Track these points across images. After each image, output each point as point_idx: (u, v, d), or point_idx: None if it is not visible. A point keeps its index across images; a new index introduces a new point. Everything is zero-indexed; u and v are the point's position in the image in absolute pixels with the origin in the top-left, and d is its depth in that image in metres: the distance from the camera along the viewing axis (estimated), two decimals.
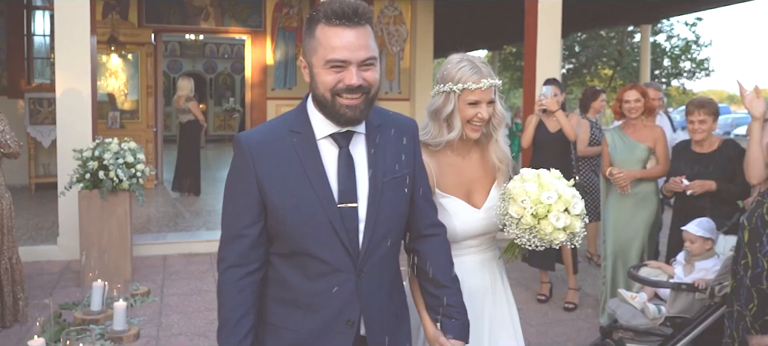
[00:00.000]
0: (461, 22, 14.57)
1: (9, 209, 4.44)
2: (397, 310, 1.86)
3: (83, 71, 6.12)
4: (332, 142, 1.73)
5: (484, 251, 2.21)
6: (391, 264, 1.82)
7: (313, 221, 1.68)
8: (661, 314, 3.66)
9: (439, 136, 2.11)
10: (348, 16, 1.62)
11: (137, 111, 10.33)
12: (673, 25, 20.42)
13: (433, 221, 1.93)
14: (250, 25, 10.81)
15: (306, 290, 1.72)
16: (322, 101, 1.68)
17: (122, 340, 4.24)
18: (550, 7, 7.33)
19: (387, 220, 1.75)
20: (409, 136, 1.85)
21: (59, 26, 6.16)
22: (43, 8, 10.84)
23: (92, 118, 6.20)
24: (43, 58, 11.00)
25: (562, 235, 1.93)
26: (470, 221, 2.13)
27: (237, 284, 1.71)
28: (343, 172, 1.71)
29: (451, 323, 1.87)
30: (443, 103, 2.07)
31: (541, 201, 1.92)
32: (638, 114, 4.45)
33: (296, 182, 1.69)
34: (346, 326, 1.72)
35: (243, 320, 1.70)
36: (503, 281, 2.27)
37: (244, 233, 1.71)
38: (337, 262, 1.70)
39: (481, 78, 2.03)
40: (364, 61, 1.65)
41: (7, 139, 4.33)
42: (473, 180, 2.18)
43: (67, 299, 5.03)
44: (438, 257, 1.90)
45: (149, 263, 6.19)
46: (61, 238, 6.16)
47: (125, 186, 5.34)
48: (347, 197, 1.70)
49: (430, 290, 1.91)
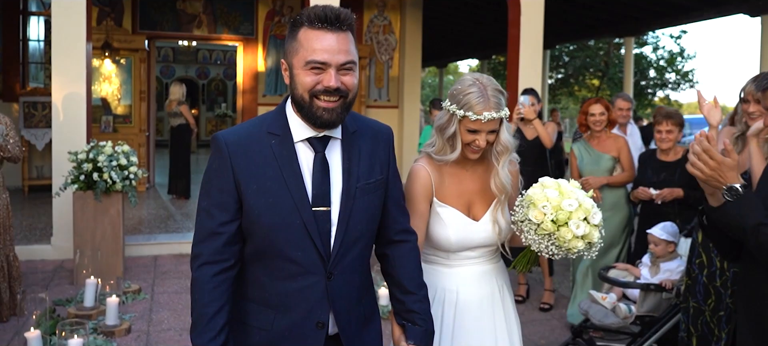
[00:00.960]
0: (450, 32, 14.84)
1: (6, 207, 4.61)
2: (366, 312, 1.89)
3: (79, 77, 6.30)
4: (309, 146, 1.76)
5: (484, 263, 2.22)
6: (362, 267, 1.85)
7: (288, 222, 1.71)
8: (631, 313, 3.88)
9: (442, 153, 2.14)
10: (330, 21, 1.67)
11: (130, 115, 10.48)
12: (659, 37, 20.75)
13: (404, 227, 1.95)
14: (242, 32, 11.01)
15: (277, 290, 1.75)
16: (300, 102, 1.71)
17: (114, 334, 4.41)
18: (533, 19, 7.57)
19: (359, 224, 1.78)
20: (384, 143, 1.89)
21: (56, 33, 6.33)
22: (37, 14, 10.99)
23: (87, 121, 6.37)
24: (38, 62, 11.14)
25: (580, 243, 1.93)
26: (467, 232, 2.15)
27: (211, 281, 1.71)
28: (318, 176, 1.74)
29: (414, 329, 1.89)
30: (447, 123, 2.11)
31: (562, 208, 1.92)
32: (603, 127, 4.72)
33: (272, 183, 1.71)
34: (316, 327, 1.75)
35: (217, 315, 1.70)
36: (504, 294, 2.26)
37: (219, 231, 1.72)
38: (309, 264, 1.73)
39: (484, 110, 2.03)
40: (343, 65, 1.69)
41: (10, 144, 4.50)
42: (474, 192, 2.20)
43: (61, 296, 5.19)
44: (405, 263, 1.93)
45: (140, 262, 6.36)
46: (55, 238, 6.32)
47: (118, 187, 5.52)
48: (321, 200, 1.74)
49: (396, 295, 1.94)
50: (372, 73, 11.52)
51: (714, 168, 1.78)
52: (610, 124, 4.86)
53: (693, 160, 1.82)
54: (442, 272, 2.21)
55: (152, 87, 11.09)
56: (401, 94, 11.57)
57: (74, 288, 5.42)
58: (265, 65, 11.07)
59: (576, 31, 13.96)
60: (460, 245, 2.15)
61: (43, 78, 11.05)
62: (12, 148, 4.50)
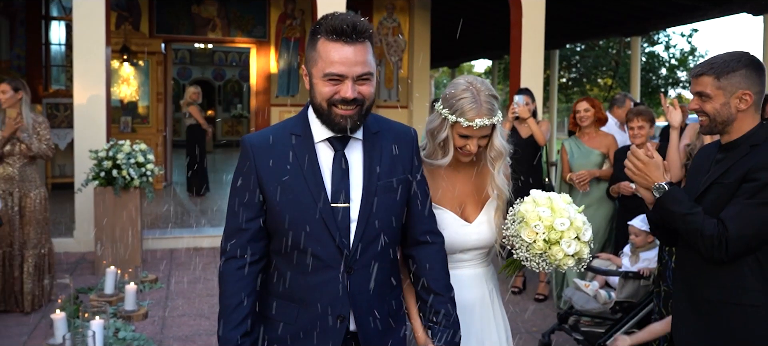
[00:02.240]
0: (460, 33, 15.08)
1: (41, 203, 4.98)
2: (392, 312, 1.90)
3: (99, 79, 6.67)
4: (329, 145, 1.83)
5: (476, 266, 2.20)
6: (384, 265, 1.86)
7: (307, 217, 1.77)
8: (611, 299, 4.13)
9: (433, 156, 2.12)
10: (347, 33, 1.71)
11: (148, 116, 10.87)
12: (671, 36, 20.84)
13: (430, 229, 1.96)
14: (255, 35, 11.35)
15: (299, 284, 1.81)
16: (319, 109, 1.78)
17: (132, 319, 4.75)
18: (534, 21, 7.81)
19: (379, 222, 1.81)
20: (407, 144, 1.92)
21: (77, 38, 6.71)
22: (59, 19, 11.43)
23: (107, 122, 6.74)
24: (59, 65, 11.58)
25: (571, 261, 1.92)
26: (461, 234, 2.13)
27: (235, 274, 1.80)
28: (337, 173, 1.80)
29: (440, 330, 1.89)
30: (439, 127, 2.09)
31: (554, 227, 1.91)
32: (589, 122, 5.00)
33: (293, 181, 1.78)
34: (337, 321, 1.80)
35: (240, 306, 1.78)
36: (493, 298, 2.24)
37: (244, 227, 1.81)
38: (328, 258, 1.78)
39: (476, 117, 2.01)
40: (360, 76, 1.74)
41: (35, 144, 4.86)
42: (467, 194, 2.18)
43: (83, 284, 5.55)
44: (432, 265, 1.93)
45: (157, 255, 6.71)
46: (77, 231, 6.69)
47: (136, 184, 5.87)
48: (340, 196, 1.79)
49: (422, 296, 1.94)
50: (382, 74, 11.82)
51: (641, 169, 2.06)
52: (598, 122, 5.12)
53: (626, 164, 2.11)
54: None
55: (169, 89, 11.48)
56: (410, 95, 11.84)
57: (95, 278, 5.78)
58: (277, 67, 11.40)
59: (583, 31, 14.13)
60: (453, 248, 2.12)
61: (65, 80, 11.49)
62: (36, 148, 4.85)
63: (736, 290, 2.02)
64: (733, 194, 2.01)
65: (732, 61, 2.10)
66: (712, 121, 2.13)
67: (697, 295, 2.14)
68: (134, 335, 4.41)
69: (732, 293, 2.03)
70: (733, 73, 2.08)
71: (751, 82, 2.09)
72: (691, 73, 2.22)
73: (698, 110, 2.17)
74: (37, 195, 4.97)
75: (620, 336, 3.58)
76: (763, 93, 2.13)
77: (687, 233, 2.05)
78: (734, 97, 2.09)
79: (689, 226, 2.02)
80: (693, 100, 2.20)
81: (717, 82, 2.10)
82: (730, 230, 1.94)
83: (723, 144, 2.17)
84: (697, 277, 2.13)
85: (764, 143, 2.05)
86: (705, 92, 2.13)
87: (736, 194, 2.00)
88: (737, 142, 2.11)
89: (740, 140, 2.10)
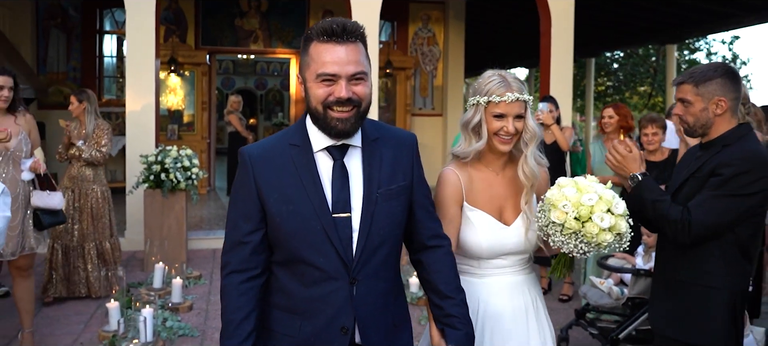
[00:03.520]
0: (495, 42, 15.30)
1: (102, 199, 5.47)
2: (396, 320, 1.89)
3: (149, 90, 7.17)
4: (328, 155, 1.80)
5: (516, 274, 2.15)
6: (387, 274, 1.85)
7: (309, 228, 1.74)
8: (623, 295, 4.34)
9: (468, 146, 2.11)
10: (337, 34, 1.70)
11: (193, 124, 11.41)
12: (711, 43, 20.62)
13: (436, 233, 1.94)
14: (295, 46, 11.80)
15: (302, 296, 1.78)
16: (315, 114, 1.76)
17: (178, 310, 5.15)
18: (563, 30, 8.02)
19: (381, 230, 1.79)
20: (407, 150, 1.90)
21: (130, 51, 7.22)
22: (112, 33, 12.10)
23: (155, 129, 7.23)
24: (111, 76, 12.25)
25: (608, 236, 1.90)
26: (498, 237, 2.10)
27: (238, 288, 1.77)
28: (338, 183, 1.77)
29: (453, 332, 1.86)
30: (472, 114, 2.09)
31: (582, 203, 1.90)
32: (612, 128, 5.21)
33: (293, 192, 1.76)
34: (340, 333, 1.77)
35: (244, 322, 1.75)
36: (538, 307, 2.18)
37: (245, 240, 1.78)
38: (332, 269, 1.75)
39: (507, 91, 2.03)
40: (354, 76, 1.72)
41: (94, 153, 5.36)
42: (505, 197, 2.15)
43: (134, 279, 6.00)
44: (441, 268, 1.91)
45: (201, 254, 7.14)
46: (128, 231, 7.17)
47: (182, 186, 6.32)
48: (341, 206, 1.76)
49: (434, 300, 1.92)
50: (417, 82, 12.14)
51: (619, 161, 2.34)
52: (622, 129, 5.32)
53: (607, 156, 2.40)
54: (472, 282, 2.13)
55: (213, 98, 12.01)
56: (445, 103, 12.13)
57: (144, 274, 6.22)
58: None
59: (618, 39, 14.20)
60: (491, 251, 2.10)
61: (116, 90, 12.14)
62: (86, 154, 5.35)
63: (701, 272, 2.29)
64: (703, 186, 2.27)
65: (709, 70, 2.37)
66: (692, 124, 2.39)
67: (670, 276, 2.41)
68: (180, 325, 4.80)
69: (698, 275, 2.30)
70: (710, 82, 2.34)
71: (727, 90, 2.34)
72: (674, 82, 2.49)
73: (681, 115, 2.44)
74: (94, 193, 5.45)
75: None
76: (738, 99, 2.38)
77: (656, 218, 2.33)
78: (712, 103, 2.35)
79: (657, 212, 2.30)
80: (676, 106, 2.46)
81: (696, 89, 2.36)
82: (693, 216, 2.21)
83: (703, 144, 2.43)
84: (672, 260, 2.40)
85: (734, 143, 2.31)
86: (686, 99, 2.39)
87: (705, 186, 2.26)
88: (714, 142, 2.37)
89: (716, 140, 2.37)
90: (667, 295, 2.43)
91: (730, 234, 2.27)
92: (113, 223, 5.65)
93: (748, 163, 2.23)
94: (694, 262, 2.31)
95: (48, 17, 11.05)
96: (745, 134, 2.33)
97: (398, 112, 11.69)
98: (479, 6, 11.84)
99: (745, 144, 2.30)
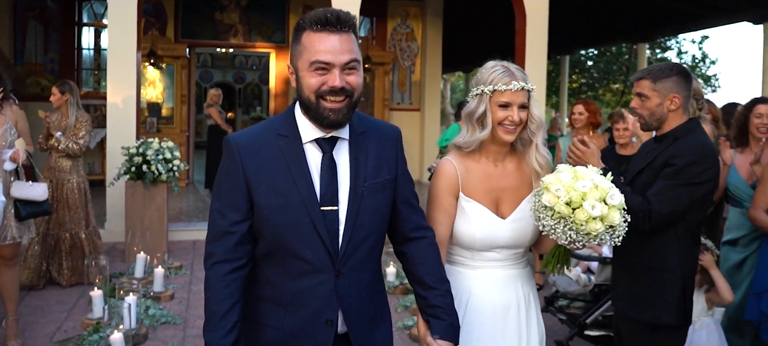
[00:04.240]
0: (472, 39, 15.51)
1: (78, 190, 5.55)
2: (376, 311, 1.90)
3: (130, 82, 7.23)
4: (317, 146, 1.78)
5: (510, 268, 2.13)
6: (371, 266, 1.86)
7: (297, 220, 1.73)
8: (590, 282, 4.56)
9: (471, 136, 2.09)
10: (331, 23, 1.70)
11: (172, 117, 11.45)
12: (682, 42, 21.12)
13: (419, 224, 1.95)
14: (275, 40, 11.90)
15: (288, 288, 1.78)
16: (307, 104, 1.74)
17: (160, 299, 5.25)
18: (537, 28, 8.23)
19: (366, 223, 1.79)
20: (391, 143, 1.90)
21: (111, 43, 7.27)
22: (90, 25, 12.08)
23: (136, 121, 7.29)
24: (89, 69, 12.22)
25: (599, 225, 1.86)
26: (492, 229, 2.08)
27: (224, 279, 1.74)
28: (326, 175, 1.77)
29: (439, 323, 1.87)
30: (476, 105, 2.07)
31: (575, 188, 1.88)
32: (582, 124, 5.42)
33: (282, 184, 1.74)
34: (325, 325, 1.77)
35: (229, 313, 1.73)
36: (529, 303, 2.17)
37: (231, 230, 1.75)
38: (318, 262, 1.75)
39: (512, 80, 2.02)
40: (347, 64, 1.71)
41: (71, 145, 5.44)
42: (504, 189, 2.12)
43: (115, 270, 6.08)
44: (425, 259, 1.92)
45: (181, 245, 7.24)
46: (109, 223, 7.23)
47: (164, 178, 6.41)
48: (329, 199, 1.76)
49: (418, 291, 1.93)
50: (395, 78, 12.30)
51: (579, 156, 2.52)
52: (590, 125, 5.55)
53: (567, 151, 2.58)
54: (463, 273, 2.14)
55: (192, 91, 12.05)
56: (423, 98, 12.31)
57: (125, 265, 6.31)
58: None
59: (591, 38, 14.52)
60: (484, 243, 2.09)
61: (93, 83, 12.12)
62: (62, 145, 5.43)
63: (659, 256, 2.48)
64: (658, 176, 2.47)
65: (666, 69, 2.57)
66: (647, 118, 2.59)
67: (631, 262, 2.60)
68: (163, 313, 4.91)
69: (656, 259, 2.49)
70: (667, 79, 2.54)
71: (680, 88, 2.55)
72: (632, 77, 2.69)
73: (638, 108, 2.63)
74: (71, 184, 5.53)
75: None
76: (689, 97, 2.58)
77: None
78: (666, 99, 2.55)
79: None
80: (634, 100, 2.65)
81: (653, 85, 2.56)
82: (652, 205, 2.40)
83: (657, 137, 2.63)
84: (632, 246, 2.59)
85: (685, 136, 2.51)
86: (643, 93, 2.59)
87: (660, 176, 2.46)
88: (666, 135, 2.58)
89: (668, 134, 2.57)
90: (629, 279, 2.61)
91: (683, 221, 2.48)
92: (90, 214, 5.73)
93: (697, 155, 2.44)
94: (653, 248, 2.51)
95: (26, 8, 11.00)
96: (694, 128, 2.54)
97: (376, 106, 11.85)
98: (457, 3, 12.03)
99: (695, 137, 2.51)
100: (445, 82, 23.73)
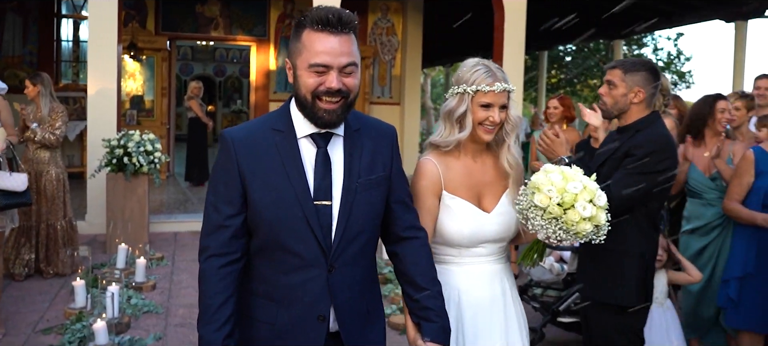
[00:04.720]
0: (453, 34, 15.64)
1: (56, 181, 5.58)
2: (369, 308, 1.89)
3: (110, 74, 7.25)
4: (311, 142, 1.79)
5: (494, 263, 2.16)
6: (364, 263, 1.86)
7: (290, 215, 1.74)
8: (563, 272, 4.72)
9: (449, 136, 2.09)
10: (332, 24, 1.69)
11: (152, 110, 11.44)
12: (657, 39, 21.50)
13: (411, 224, 1.94)
14: (256, 34, 11.92)
15: (280, 283, 1.79)
16: (303, 102, 1.75)
17: (142, 289, 5.32)
18: (515, 24, 8.38)
19: (359, 219, 1.79)
20: (386, 141, 1.91)
21: (92, 36, 7.27)
22: (69, 16, 12.00)
23: (117, 113, 7.31)
24: (67, 61, 12.15)
25: (588, 225, 1.91)
26: (479, 224, 2.10)
27: (218, 272, 1.75)
28: (320, 170, 1.77)
29: (429, 325, 1.87)
30: (457, 104, 2.07)
31: (568, 190, 1.91)
32: (557, 118, 5.58)
33: (275, 177, 1.75)
34: (317, 322, 1.78)
35: (223, 306, 1.74)
36: (514, 294, 2.22)
37: (226, 224, 1.76)
38: (311, 257, 1.76)
39: (495, 81, 2.03)
40: (345, 67, 1.72)
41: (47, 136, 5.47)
42: (484, 184, 2.14)
43: (96, 261, 6.12)
44: (417, 260, 1.91)
45: (163, 237, 7.29)
46: (89, 215, 7.25)
47: (145, 170, 6.46)
48: (322, 194, 1.76)
49: (409, 292, 1.92)
50: (375, 72, 12.40)
51: (548, 145, 2.65)
52: (565, 119, 5.71)
53: (538, 141, 2.72)
54: (451, 271, 2.15)
55: (173, 84, 12.03)
56: (403, 92, 12.43)
57: (106, 256, 6.35)
58: (276, 64, 11.97)
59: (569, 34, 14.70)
60: (472, 239, 2.10)
61: (72, 75, 12.05)
62: (39, 137, 5.47)
63: (620, 240, 2.62)
64: (620, 166, 2.61)
65: (638, 63, 2.73)
66: (610, 106, 2.74)
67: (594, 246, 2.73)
68: (145, 302, 4.98)
69: (618, 243, 2.63)
70: (637, 73, 2.69)
71: (647, 83, 2.69)
72: (606, 66, 2.83)
73: (604, 94, 2.76)
74: (49, 175, 5.57)
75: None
76: (655, 94, 2.74)
77: None
78: (631, 92, 2.69)
79: None
80: (603, 86, 2.79)
81: (624, 75, 2.71)
82: (613, 192, 2.54)
83: (619, 128, 2.77)
84: None
85: (646, 128, 2.66)
86: (613, 81, 2.74)
87: (621, 165, 2.61)
88: (628, 127, 2.73)
89: (630, 126, 2.72)
90: (593, 264, 2.77)
91: (643, 207, 2.62)
92: (68, 205, 5.77)
93: (656, 146, 2.59)
94: (615, 232, 2.64)
95: (4, 0, 10.91)
96: (654, 121, 2.69)
97: (357, 100, 11.91)
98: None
99: (655, 129, 2.66)
100: (426, 77, 23.86)
